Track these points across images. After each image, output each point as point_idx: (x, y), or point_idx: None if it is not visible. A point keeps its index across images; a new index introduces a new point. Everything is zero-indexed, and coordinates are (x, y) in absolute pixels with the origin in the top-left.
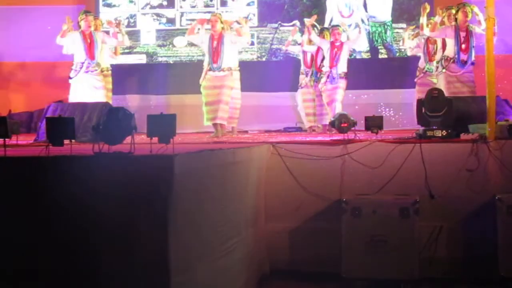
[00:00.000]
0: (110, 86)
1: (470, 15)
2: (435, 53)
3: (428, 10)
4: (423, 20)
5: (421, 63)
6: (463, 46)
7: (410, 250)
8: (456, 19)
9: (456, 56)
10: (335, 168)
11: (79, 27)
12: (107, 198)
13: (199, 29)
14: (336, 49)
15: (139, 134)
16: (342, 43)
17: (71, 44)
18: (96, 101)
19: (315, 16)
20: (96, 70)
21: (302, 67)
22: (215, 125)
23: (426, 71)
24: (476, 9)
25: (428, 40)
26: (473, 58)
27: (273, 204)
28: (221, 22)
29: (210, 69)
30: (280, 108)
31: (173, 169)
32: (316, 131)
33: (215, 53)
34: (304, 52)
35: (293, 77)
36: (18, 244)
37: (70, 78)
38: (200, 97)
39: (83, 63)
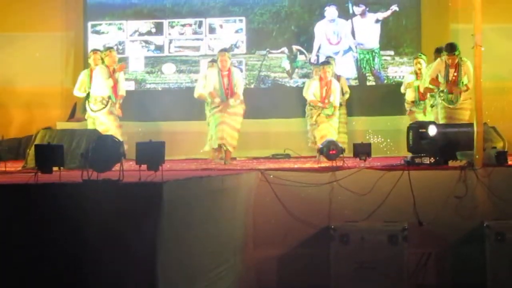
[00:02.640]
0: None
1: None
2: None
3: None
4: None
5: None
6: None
7: (399, 277)
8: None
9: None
10: (323, 195)
11: (97, 62)
12: (96, 225)
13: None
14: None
15: (128, 160)
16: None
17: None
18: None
19: None
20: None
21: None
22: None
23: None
24: (464, 59)
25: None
26: (466, 87)
27: (262, 230)
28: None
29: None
30: (269, 135)
31: (161, 197)
32: None
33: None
34: None
35: (282, 104)
36: (5, 268)
37: (94, 111)
38: (189, 124)
39: (109, 98)
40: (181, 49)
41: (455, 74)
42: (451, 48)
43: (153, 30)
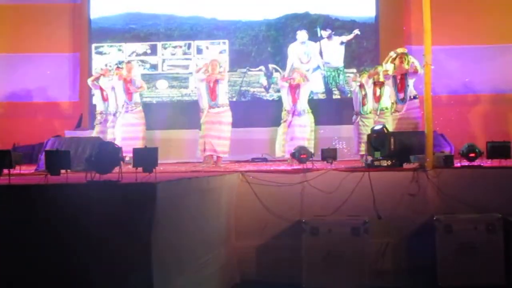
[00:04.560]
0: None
1: (407, 64)
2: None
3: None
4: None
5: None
6: (399, 86)
7: (361, 263)
8: (394, 65)
9: (396, 98)
10: (296, 193)
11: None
12: (98, 220)
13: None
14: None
15: (127, 164)
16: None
17: None
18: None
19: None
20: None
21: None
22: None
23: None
24: (412, 59)
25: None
26: (411, 94)
27: (243, 224)
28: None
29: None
30: (249, 141)
31: (155, 195)
32: None
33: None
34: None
35: (260, 115)
36: (17, 257)
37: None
38: (179, 132)
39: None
40: (172, 67)
41: None
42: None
43: (149, 51)
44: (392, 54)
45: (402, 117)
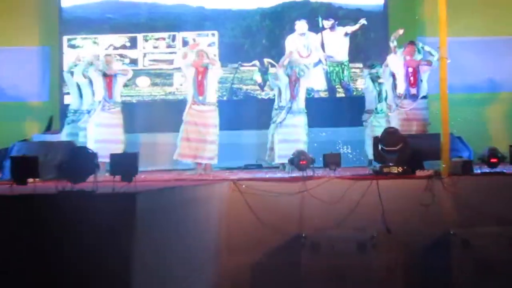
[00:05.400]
0: None
1: (418, 54)
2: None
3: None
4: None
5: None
6: (411, 79)
7: (368, 284)
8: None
9: (406, 91)
10: (294, 204)
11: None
12: (71, 235)
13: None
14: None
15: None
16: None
17: None
18: None
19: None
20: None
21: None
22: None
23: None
24: (424, 45)
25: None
26: (424, 93)
27: (235, 238)
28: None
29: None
30: (242, 146)
31: (135, 207)
32: None
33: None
34: None
35: (254, 116)
36: None
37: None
38: (163, 136)
39: None
40: (155, 62)
41: None
42: None
43: (128, 44)
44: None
45: (409, 117)
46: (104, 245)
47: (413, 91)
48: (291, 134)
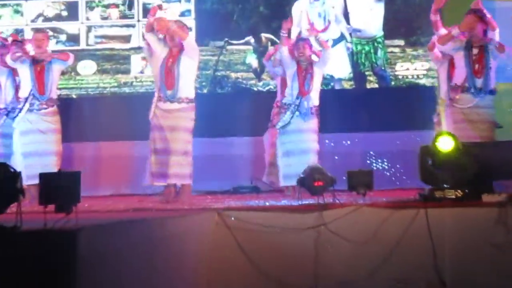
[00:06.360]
0: None
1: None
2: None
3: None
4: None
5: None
6: (476, 66)
7: None
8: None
9: (467, 83)
10: (306, 244)
11: None
12: None
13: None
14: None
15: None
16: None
17: None
18: None
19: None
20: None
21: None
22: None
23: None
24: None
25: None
26: (492, 86)
27: None
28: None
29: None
30: (230, 159)
31: (76, 249)
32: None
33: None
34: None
35: (247, 116)
36: None
37: None
38: (118, 145)
39: None
40: (104, 39)
41: None
42: None
43: (64, 13)
44: None
45: (470, 118)
46: None
47: (479, 82)
48: (300, 143)
